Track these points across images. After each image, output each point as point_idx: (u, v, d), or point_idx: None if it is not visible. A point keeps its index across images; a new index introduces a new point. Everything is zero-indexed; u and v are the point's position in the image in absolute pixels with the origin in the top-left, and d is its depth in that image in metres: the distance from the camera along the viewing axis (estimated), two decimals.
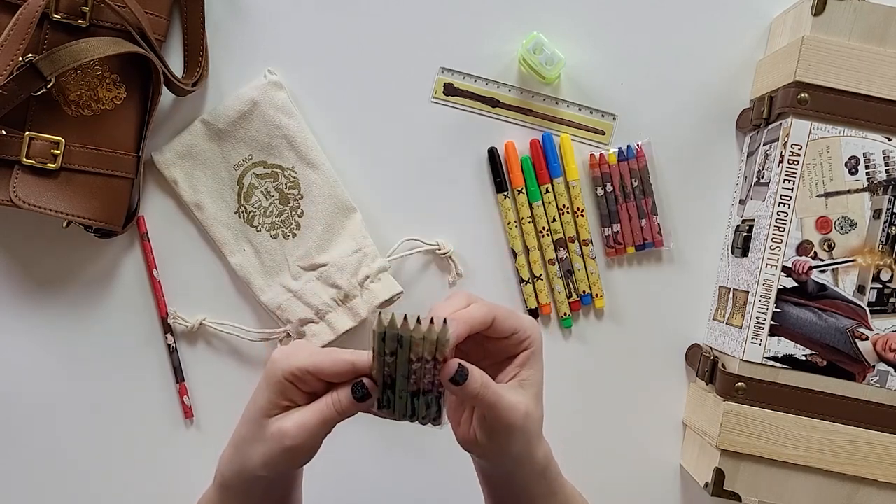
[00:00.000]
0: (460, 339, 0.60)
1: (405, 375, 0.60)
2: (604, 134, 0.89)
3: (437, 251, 0.88)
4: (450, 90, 0.89)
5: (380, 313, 0.59)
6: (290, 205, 0.87)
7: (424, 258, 0.89)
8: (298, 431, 0.59)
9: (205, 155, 0.87)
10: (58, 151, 0.80)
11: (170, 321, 0.87)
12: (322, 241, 0.86)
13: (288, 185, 0.87)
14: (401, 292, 0.85)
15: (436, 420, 0.61)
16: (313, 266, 0.86)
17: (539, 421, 0.64)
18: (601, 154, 0.89)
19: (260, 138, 0.86)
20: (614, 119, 0.89)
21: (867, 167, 0.79)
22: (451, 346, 0.59)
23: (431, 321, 0.58)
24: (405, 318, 0.58)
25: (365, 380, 0.60)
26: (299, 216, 0.87)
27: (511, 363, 0.63)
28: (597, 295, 0.90)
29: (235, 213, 0.87)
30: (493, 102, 0.89)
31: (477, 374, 0.59)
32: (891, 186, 0.79)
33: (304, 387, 0.61)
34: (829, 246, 0.80)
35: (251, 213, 0.87)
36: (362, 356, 0.60)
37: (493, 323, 0.62)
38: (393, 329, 0.58)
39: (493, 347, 0.64)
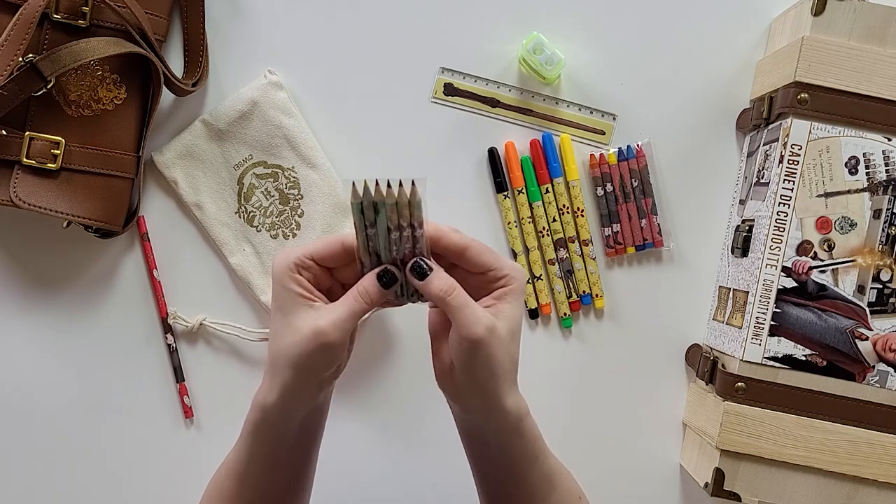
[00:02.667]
0: (432, 241, 0.63)
1: (387, 248, 0.63)
2: (604, 134, 0.89)
3: None
4: (450, 90, 0.89)
5: (353, 183, 0.61)
6: (291, 205, 0.87)
7: None
8: (332, 328, 0.62)
9: (205, 155, 0.87)
10: (58, 151, 0.80)
11: (170, 321, 0.87)
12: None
13: (288, 185, 0.87)
14: None
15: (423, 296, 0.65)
16: None
17: (510, 357, 0.64)
18: (601, 154, 0.89)
19: (260, 138, 0.86)
20: (614, 119, 0.89)
21: (867, 167, 0.79)
22: (426, 217, 0.63)
23: (401, 183, 0.61)
24: (377, 182, 0.61)
25: (389, 267, 0.63)
26: (299, 216, 0.87)
27: (488, 296, 0.64)
28: (597, 295, 0.90)
29: (235, 213, 0.87)
30: (493, 102, 0.89)
31: (442, 277, 0.62)
32: (891, 186, 0.79)
33: (307, 275, 0.64)
34: (829, 246, 0.80)
35: (251, 214, 0.87)
36: (349, 234, 0.64)
37: (465, 252, 0.64)
38: (368, 197, 0.61)
39: (472, 281, 0.65)
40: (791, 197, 0.79)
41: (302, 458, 0.70)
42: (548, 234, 0.89)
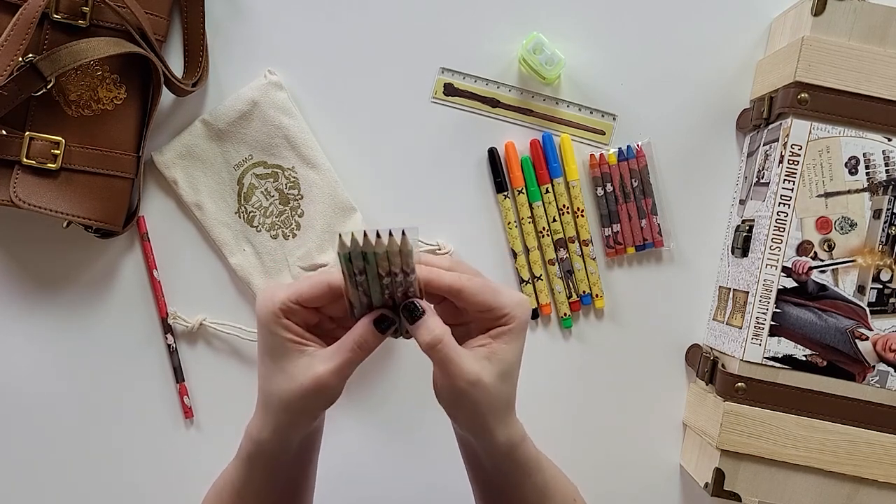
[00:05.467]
0: (425, 283, 0.61)
1: (379, 291, 0.61)
2: (604, 134, 0.89)
3: (438, 251, 0.88)
4: (450, 90, 0.89)
5: (340, 235, 0.58)
6: (291, 205, 0.87)
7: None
8: (331, 376, 0.60)
9: (205, 155, 0.87)
10: (58, 151, 0.80)
11: (170, 321, 0.87)
12: (322, 241, 0.87)
13: (288, 185, 0.87)
14: None
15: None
16: (314, 266, 0.86)
17: (501, 399, 0.62)
18: (601, 154, 0.89)
19: (260, 138, 0.86)
20: (614, 119, 0.89)
21: (867, 167, 0.79)
22: (418, 263, 0.60)
23: (391, 234, 0.58)
24: (364, 234, 0.58)
25: (384, 311, 0.61)
26: (299, 216, 0.87)
27: (485, 333, 0.63)
28: (597, 295, 0.90)
29: (235, 213, 0.87)
30: (493, 102, 0.89)
31: (431, 327, 0.60)
32: (891, 186, 0.79)
33: (295, 318, 0.61)
34: (829, 246, 0.80)
35: (251, 214, 0.87)
36: (335, 274, 0.61)
37: (460, 294, 0.61)
38: (356, 248, 0.59)
39: (471, 316, 0.63)
40: (791, 197, 0.79)
41: (300, 472, 0.70)
42: (548, 235, 0.89)
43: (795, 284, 0.80)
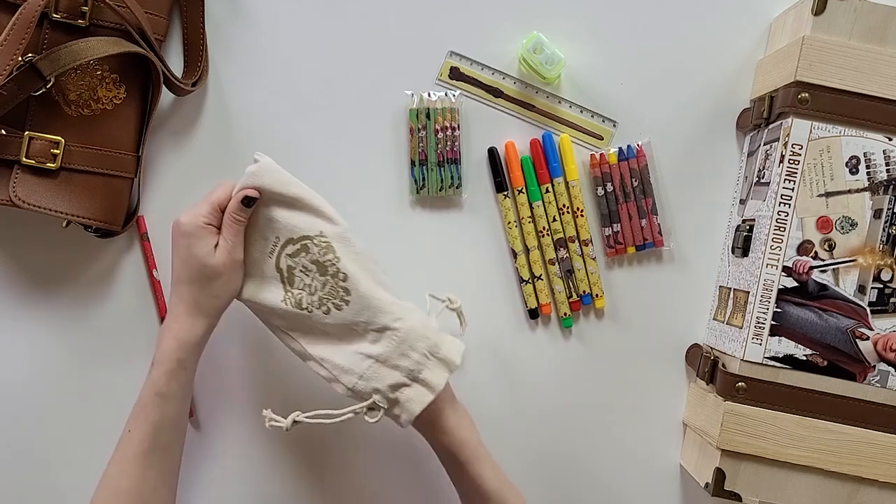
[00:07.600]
0: None
1: (434, 147, 0.82)
2: (602, 139, 0.89)
3: (448, 306, 0.84)
4: (455, 74, 0.88)
5: (412, 94, 0.83)
6: (330, 271, 0.78)
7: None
8: (230, 255, 0.77)
9: (251, 254, 0.80)
10: (57, 151, 0.80)
11: (266, 425, 0.78)
12: (375, 298, 0.79)
13: (321, 251, 0.78)
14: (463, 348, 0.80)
15: (458, 186, 0.86)
16: (384, 327, 0.78)
17: None
18: (601, 154, 0.89)
19: (282, 220, 0.79)
20: (614, 126, 0.89)
21: (868, 167, 0.79)
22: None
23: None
24: (428, 94, 0.85)
25: (247, 191, 0.76)
26: (342, 280, 0.78)
27: None
28: (597, 295, 0.90)
29: (282, 301, 0.79)
30: (497, 92, 0.89)
31: None
32: (891, 186, 0.79)
33: (216, 222, 0.77)
34: (830, 246, 0.80)
35: (298, 297, 0.79)
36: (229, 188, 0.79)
37: None
38: (422, 105, 0.84)
39: None
40: (792, 197, 0.79)
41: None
42: (548, 234, 0.89)
43: (796, 284, 0.80)
